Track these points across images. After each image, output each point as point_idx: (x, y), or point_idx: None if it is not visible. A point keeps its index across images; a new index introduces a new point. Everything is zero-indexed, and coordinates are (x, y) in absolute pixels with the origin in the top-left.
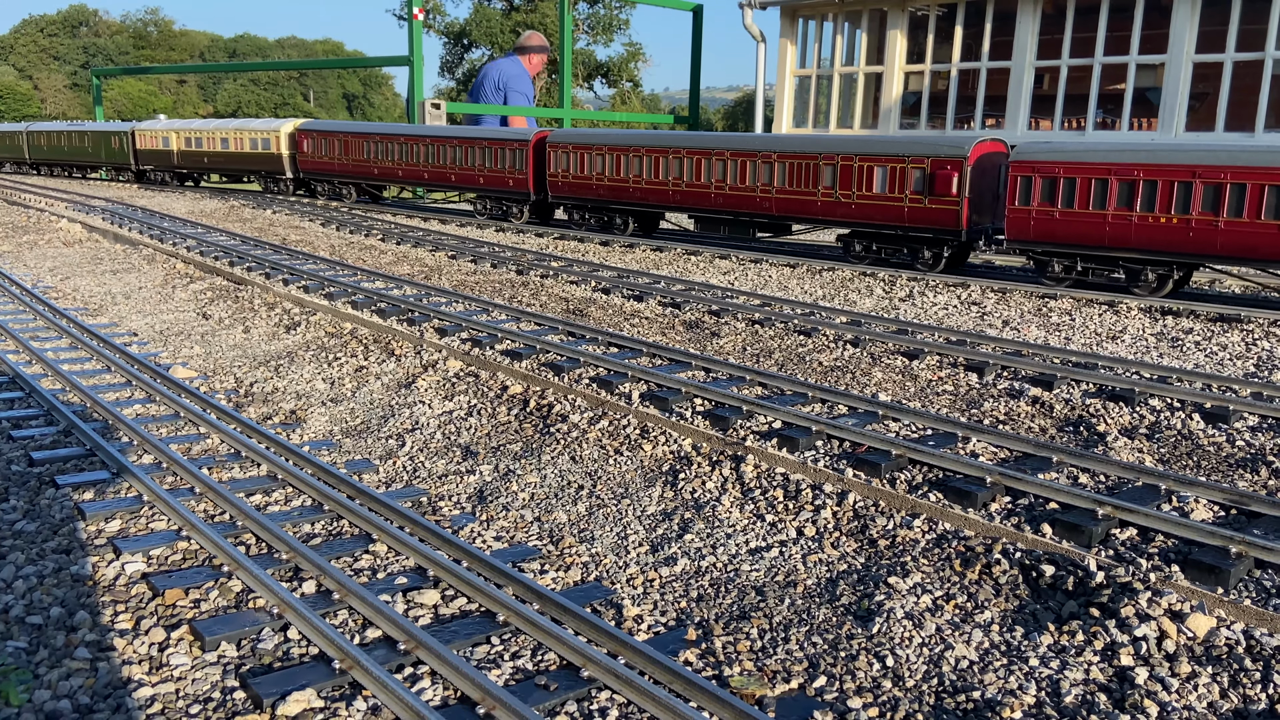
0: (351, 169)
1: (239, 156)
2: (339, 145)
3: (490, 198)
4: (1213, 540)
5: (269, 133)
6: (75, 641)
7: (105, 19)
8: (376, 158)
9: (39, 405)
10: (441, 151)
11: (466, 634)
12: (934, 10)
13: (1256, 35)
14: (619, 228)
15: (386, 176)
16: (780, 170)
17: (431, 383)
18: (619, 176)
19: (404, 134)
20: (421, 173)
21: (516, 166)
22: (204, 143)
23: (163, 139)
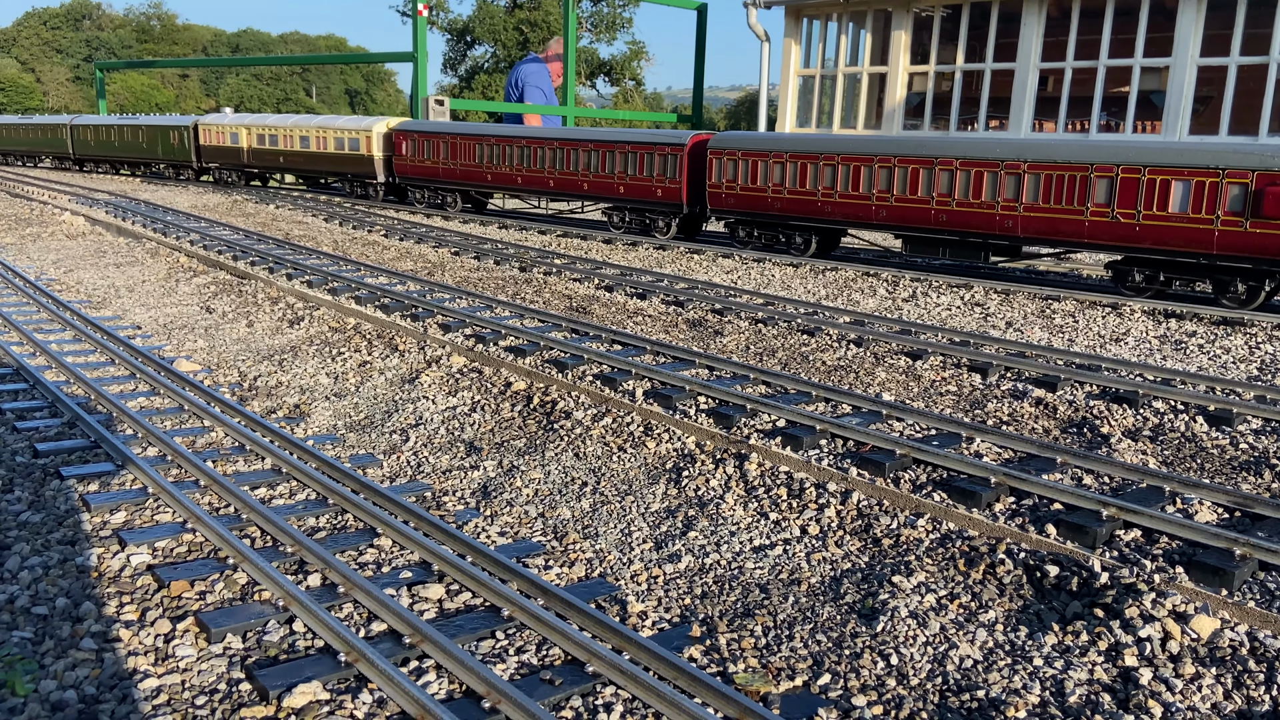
0: (459, 174)
1: (322, 157)
2: (445, 148)
3: (630, 209)
4: (1217, 542)
5: (360, 132)
6: (81, 632)
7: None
8: (491, 162)
9: (43, 397)
10: (572, 156)
11: (471, 628)
12: (938, 11)
13: (1261, 39)
14: (797, 247)
15: (502, 183)
16: (1032, 183)
17: (435, 378)
18: (803, 188)
19: (526, 137)
20: (545, 179)
21: (667, 174)
22: (280, 140)
23: (231, 135)
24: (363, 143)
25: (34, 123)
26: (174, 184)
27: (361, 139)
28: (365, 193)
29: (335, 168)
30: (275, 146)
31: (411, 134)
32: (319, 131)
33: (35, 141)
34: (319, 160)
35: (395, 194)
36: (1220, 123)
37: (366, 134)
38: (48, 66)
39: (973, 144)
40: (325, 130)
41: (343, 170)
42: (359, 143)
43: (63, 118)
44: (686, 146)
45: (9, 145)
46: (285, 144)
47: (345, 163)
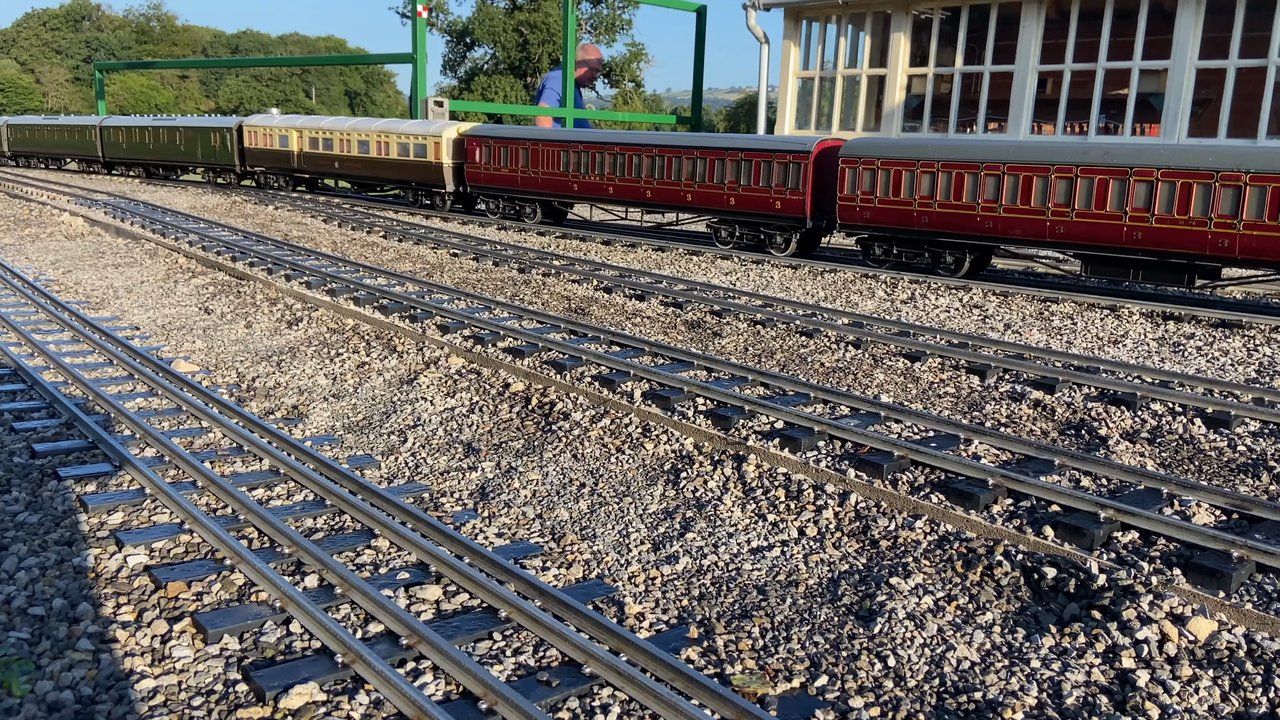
0: (540, 183)
1: (383, 164)
2: (524, 154)
3: (742, 223)
4: (1214, 544)
5: (427, 137)
6: (77, 633)
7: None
8: (578, 170)
9: (41, 398)
10: (675, 164)
11: (469, 629)
12: (937, 13)
13: (1260, 42)
14: (946, 266)
15: (591, 193)
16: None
17: (433, 379)
18: (958, 201)
19: (621, 143)
20: (642, 189)
21: (789, 185)
22: (335, 144)
23: (279, 137)
24: (430, 149)
25: (59, 124)
26: (172, 185)
27: (429, 145)
28: (431, 202)
29: (398, 175)
30: (330, 151)
31: (486, 140)
32: (381, 136)
33: (60, 144)
34: (379, 167)
35: (462, 204)
36: (1219, 125)
37: (436, 140)
38: (47, 67)
39: (1180, 153)
40: (388, 135)
41: (406, 178)
42: (426, 149)
43: (92, 118)
44: (812, 154)
45: (32, 147)
46: (341, 148)
47: (409, 170)
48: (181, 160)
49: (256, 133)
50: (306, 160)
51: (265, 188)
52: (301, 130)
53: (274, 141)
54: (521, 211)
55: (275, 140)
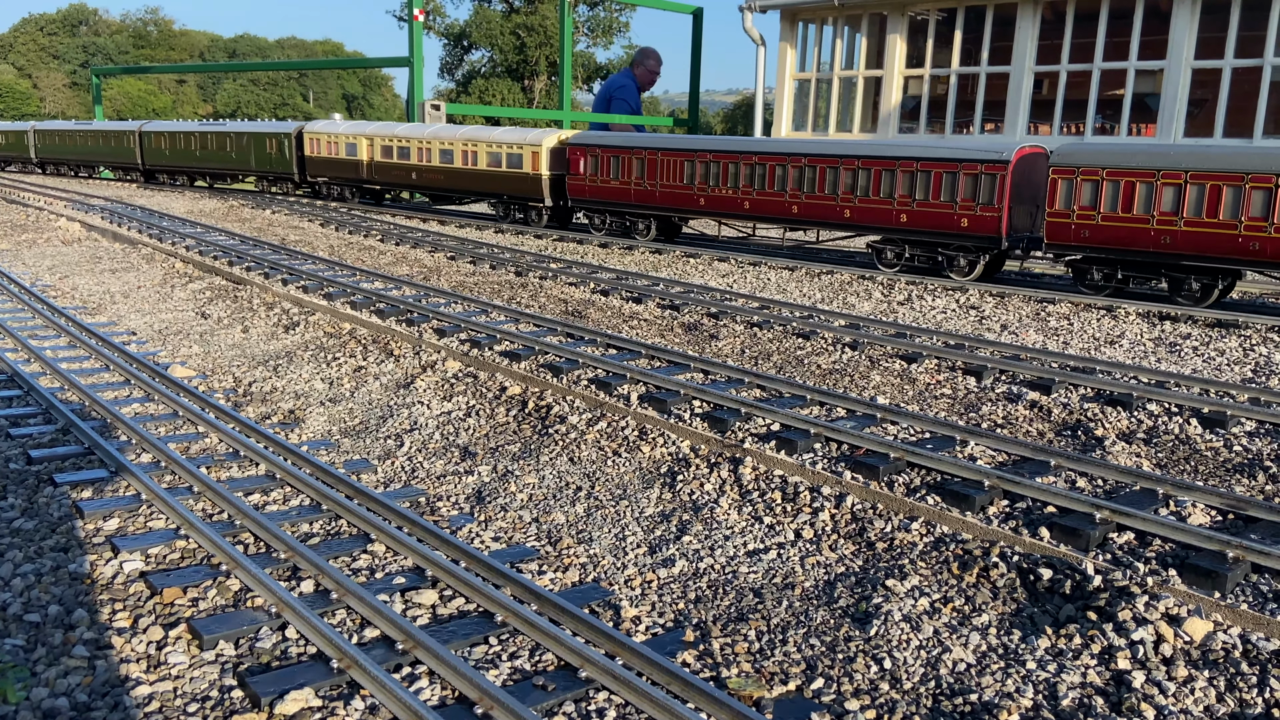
0: (658, 197)
1: (469, 175)
2: (638, 165)
3: (915, 242)
4: (1210, 545)
5: (523, 146)
6: (73, 639)
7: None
8: (704, 182)
9: (37, 403)
10: (829, 176)
11: (465, 634)
12: (933, 15)
13: (1255, 42)
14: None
15: (721, 208)
16: None
17: (430, 383)
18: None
19: (762, 152)
20: (786, 204)
21: (980, 199)
22: (412, 153)
23: (346, 145)
24: (527, 158)
25: (93, 129)
26: (169, 190)
27: (526, 154)
28: (525, 217)
29: (486, 187)
30: (406, 160)
31: (593, 149)
32: (468, 145)
33: (94, 150)
34: (465, 178)
35: (559, 219)
36: (1215, 126)
37: (534, 149)
38: (44, 72)
39: None
40: (476, 143)
41: (496, 190)
42: (521, 158)
43: (131, 124)
44: (1011, 163)
45: (62, 154)
46: (420, 158)
47: (500, 182)
48: (231, 169)
49: (319, 140)
50: (378, 170)
51: (327, 199)
52: (373, 138)
53: (339, 150)
54: (632, 228)
55: (341, 148)
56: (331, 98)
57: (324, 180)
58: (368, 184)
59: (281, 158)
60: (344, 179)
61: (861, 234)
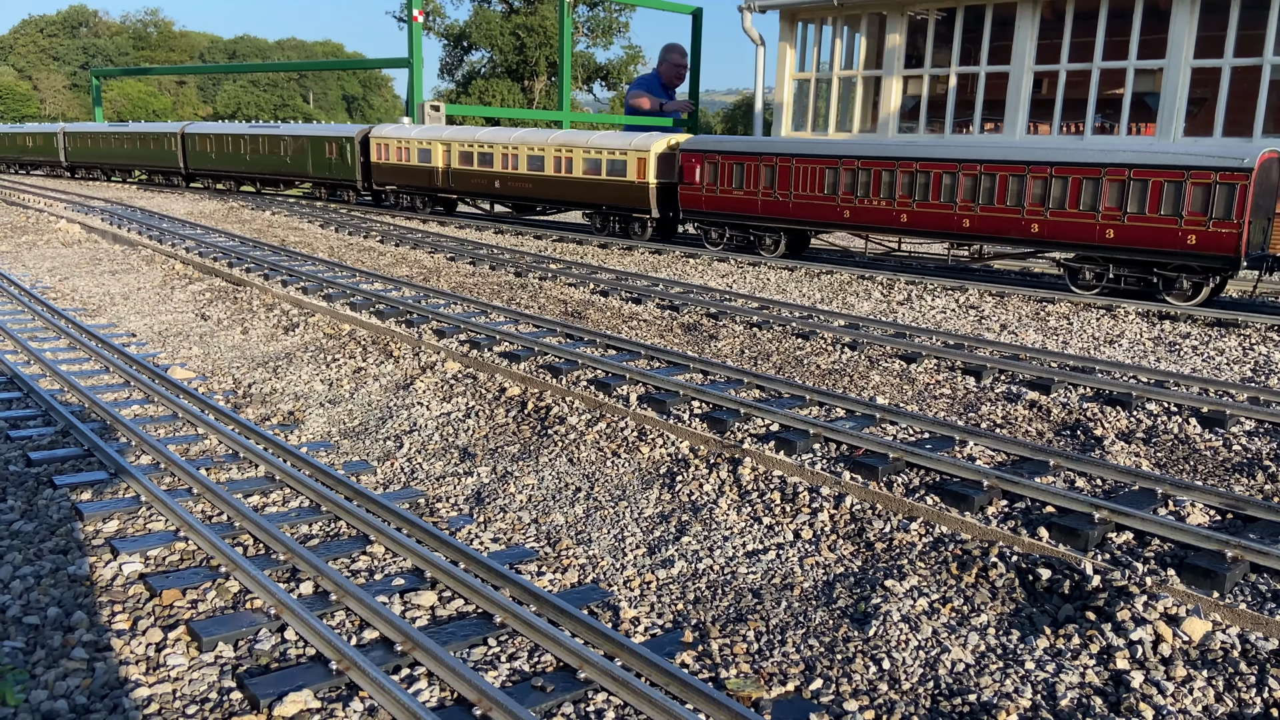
0: (791, 209)
1: (563, 183)
2: (767, 172)
3: (1126, 262)
4: (1209, 544)
5: (627, 152)
6: (72, 642)
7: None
8: (850, 192)
9: (37, 405)
10: (1011, 186)
11: (463, 635)
12: (933, 15)
13: (1254, 41)
14: None
15: (870, 221)
16: None
17: (430, 384)
18: None
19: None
20: (955, 218)
21: (1213, 212)
22: (495, 159)
23: (419, 151)
24: (631, 165)
25: (130, 131)
26: (169, 191)
27: (630, 160)
28: (626, 229)
29: (583, 197)
30: (488, 168)
31: (712, 154)
32: (562, 150)
33: (130, 154)
34: (557, 187)
35: (663, 231)
36: (1214, 125)
37: (640, 154)
38: (44, 74)
39: None
40: (570, 148)
41: (595, 200)
42: (625, 165)
43: (173, 125)
44: (1254, 170)
45: (95, 158)
46: (504, 164)
47: (600, 191)
48: (284, 174)
49: (388, 145)
50: (456, 178)
51: (398, 207)
52: (450, 143)
53: (410, 156)
54: (758, 243)
55: (413, 154)
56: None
57: (392, 188)
58: (443, 193)
59: (343, 163)
60: (415, 187)
61: (1046, 250)
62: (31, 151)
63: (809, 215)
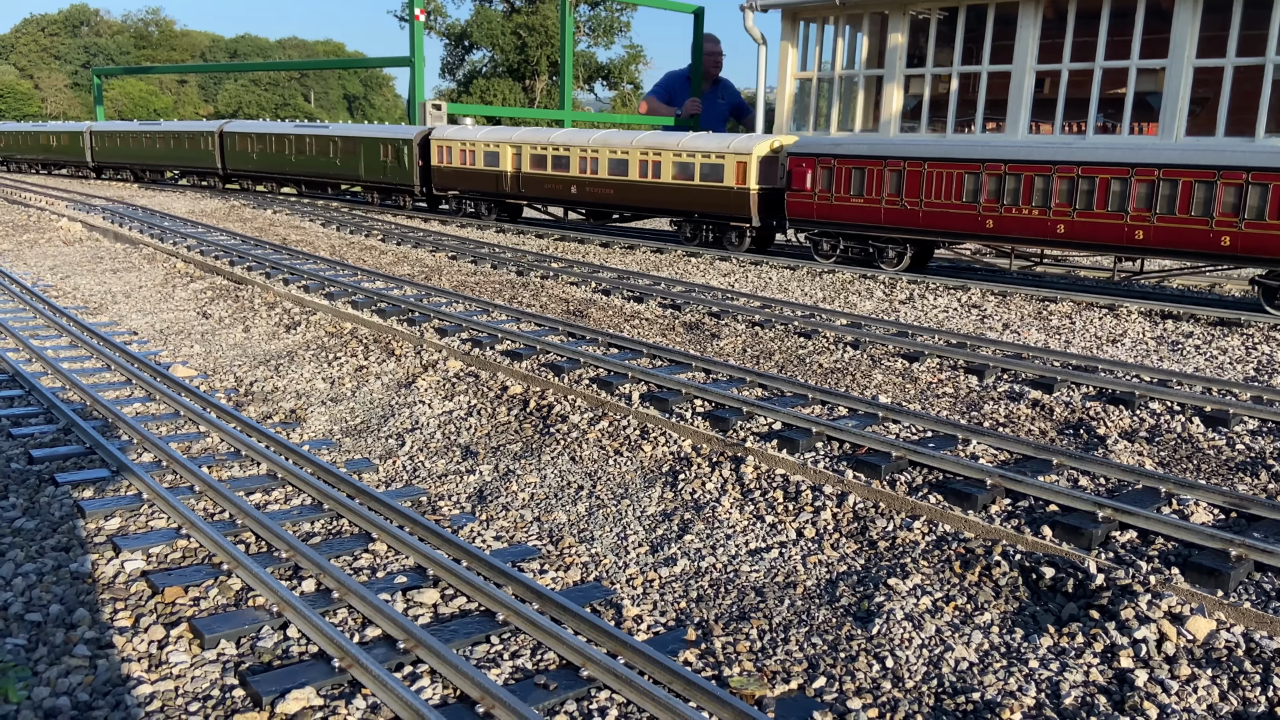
0: (922, 218)
1: (648, 189)
2: (893, 178)
3: None
4: (1213, 543)
5: (725, 155)
6: (74, 639)
7: (106, 19)
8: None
9: (39, 403)
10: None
11: (466, 633)
12: (935, 14)
13: (1257, 40)
14: None
15: (1018, 232)
16: None
17: (431, 382)
18: None
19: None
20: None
21: None
22: (571, 163)
23: (485, 154)
24: (730, 169)
25: (162, 130)
26: (170, 189)
27: (729, 164)
28: (720, 239)
29: (672, 204)
30: (563, 172)
31: (824, 159)
32: (649, 153)
33: (163, 154)
34: (642, 193)
35: (760, 242)
36: (1217, 124)
37: (740, 158)
38: (46, 73)
39: None
40: (659, 151)
41: (686, 207)
42: (723, 170)
43: (210, 124)
44: None
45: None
46: (582, 168)
47: (692, 197)
48: (334, 177)
49: (450, 148)
50: (527, 183)
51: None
52: (520, 145)
53: (475, 159)
54: (879, 255)
55: (478, 157)
56: (333, 98)
57: (454, 193)
58: (511, 198)
59: (399, 167)
60: (480, 192)
61: (1243, 267)
62: (55, 151)
63: (942, 225)
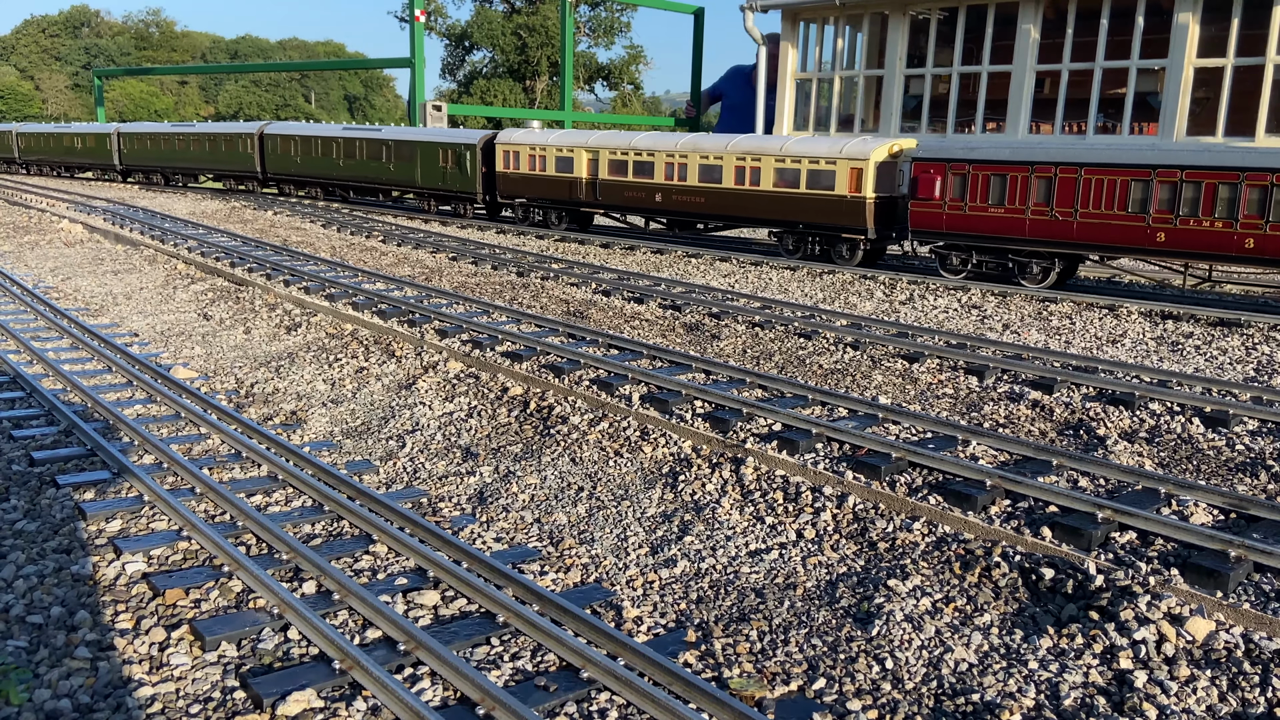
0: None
1: (745, 198)
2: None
3: None
4: (1212, 544)
5: (834, 161)
6: (76, 641)
7: (107, 20)
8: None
9: (40, 405)
10: None
11: (466, 635)
12: (935, 14)
13: (1257, 40)
14: None
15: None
16: None
17: (432, 384)
18: None
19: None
20: None
21: None
22: (657, 169)
23: (558, 159)
24: (842, 177)
25: (197, 132)
26: (171, 191)
27: (840, 171)
28: (828, 252)
29: (773, 213)
30: (646, 178)
31: (957, 165)
32: (745, 159)
33: (198, 157)
34: (738, 202)
35: (871, 256)
36: (1217, 124)
37: (854, 164)
38: (46, 74)
39: None
40: (758, 156)
41: (789, 217)
42: (833, 177)
43: (249, 125)
44: None
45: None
46: (668, 174)
47: (796, 207)
48: (386, 183)
49: (518, 153)
50: (604, 190)
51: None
52: (598, 150)
53: (547, 164)
54: (1019, 270)
55: (549, 163)
56: (333, 99)
57: (522, 202)
58: (587, 206)
59: (460, 173)
60: (551, 200)
61: None
62: (80, 154)
63: (1101, 238)
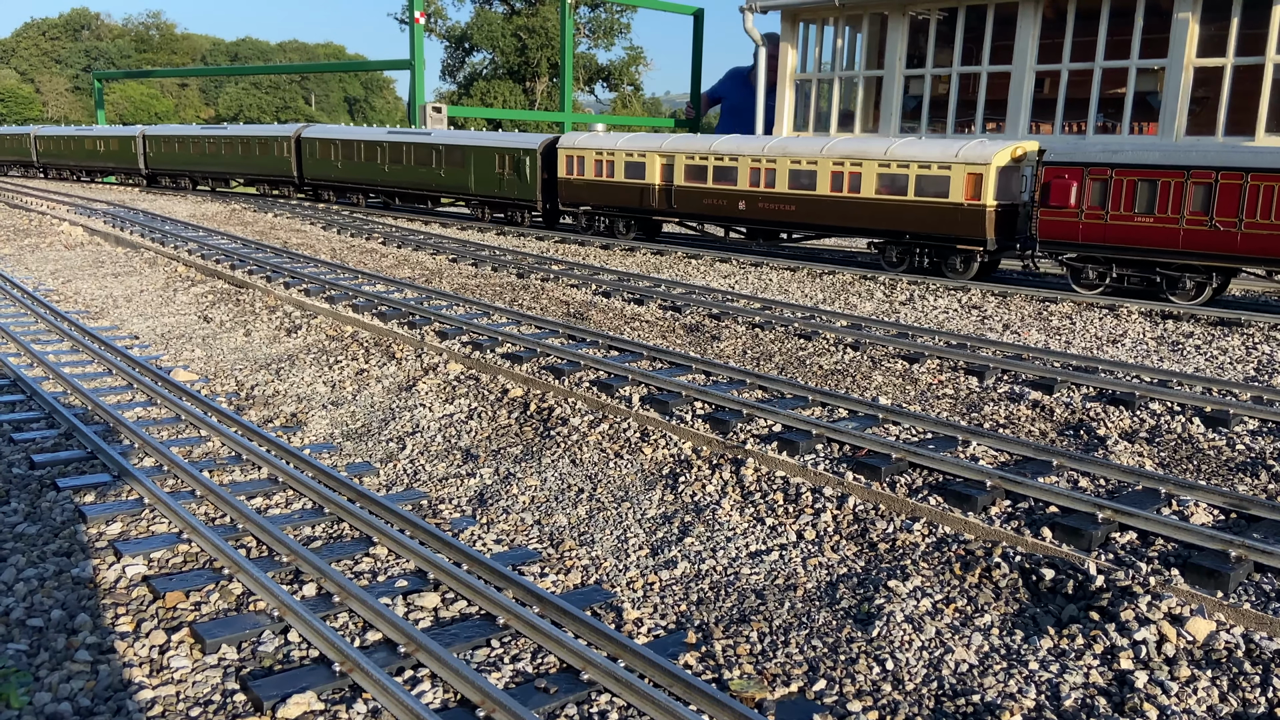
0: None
1: (842, 206)
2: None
3: None
4: (1212, 544)
5: (948, 166)
6: (76, 644)
7: (107, 22)
8: None
9: (40, 408)
10: None
11: (466, 637)
12: (934, 15)
13: (1257, 39)
14: None
15: None
16: None
17: (432, 386)
18: None
19: None
20: None
21: None
22: (740, 175)
23: (627, 165)
24: (957, 183)
25: (228, 134)
26: (172, 193)
27: (956, 177)
28: (938, 265)
29: (875, 222)
30: (728, 185)
31: (1098, 169)
32: (843, 163)
33: (229, 160)
34: (835, 209)
35: (985, 269)
36: (1216, 124)
37: (972, 169)
38: (47, 77)
39: None
40: (858, 160)
41: (895, 227)
42: (946, 183)
43: (286, 128)
44: None
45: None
46: (753, 181)
47: (902, 216)
48: (436, 190)
49: (582, 158)
50: (680, 198)
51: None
52: (672, 154)
53: (615, 170)
54: (1168, 285)
55: (617, 168)
56: (333, 101)
57: (586, 209)
58: (659, 214)
59: (518, 180)
60: (619, 208)
61: None
62: (102, 158)
63: (1270, 250)
